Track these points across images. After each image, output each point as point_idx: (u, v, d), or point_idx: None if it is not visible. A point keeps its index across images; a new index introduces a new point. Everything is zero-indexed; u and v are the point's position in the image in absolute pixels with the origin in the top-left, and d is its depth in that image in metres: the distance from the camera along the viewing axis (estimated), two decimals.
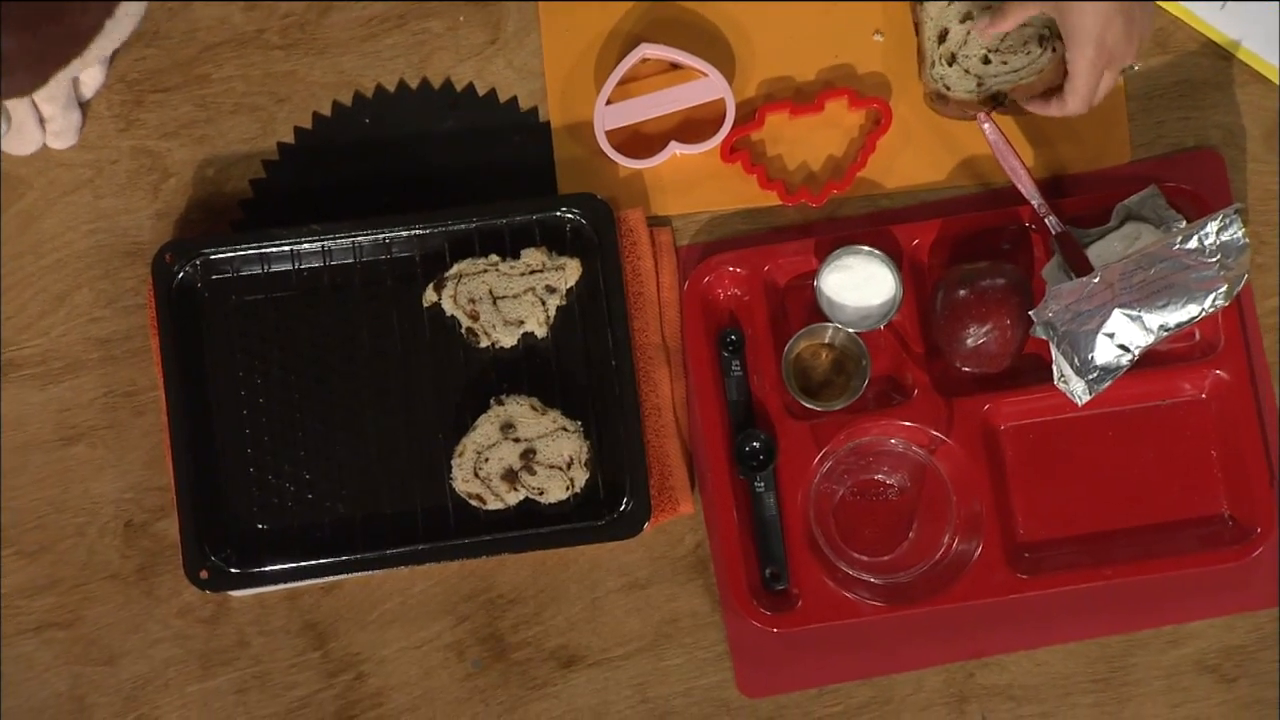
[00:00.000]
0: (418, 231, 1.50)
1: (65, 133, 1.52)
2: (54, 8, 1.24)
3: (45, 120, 1.51)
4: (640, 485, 1.46)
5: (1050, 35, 1.48)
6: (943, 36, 1.49)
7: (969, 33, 1.49)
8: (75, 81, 1.51)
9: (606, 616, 1.49)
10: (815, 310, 1.48)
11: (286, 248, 1.50)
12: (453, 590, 1.50)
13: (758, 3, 1.52)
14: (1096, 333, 1.42)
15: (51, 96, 1.46)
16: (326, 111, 1.55)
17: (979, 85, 1.49)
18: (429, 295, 1.50)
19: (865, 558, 1.48)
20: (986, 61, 1.49)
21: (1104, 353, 1.42)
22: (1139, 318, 1.42)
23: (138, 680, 1.49)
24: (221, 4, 1.54)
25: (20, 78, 1.27)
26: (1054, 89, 1.46)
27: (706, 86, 1.52)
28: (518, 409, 1.47)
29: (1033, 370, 1.48)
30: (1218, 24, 1.53)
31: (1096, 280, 1.41)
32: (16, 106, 1.47)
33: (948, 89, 1.49)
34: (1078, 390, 1.43)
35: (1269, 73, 1.53)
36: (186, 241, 1.50)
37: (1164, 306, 1.42)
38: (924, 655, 1.48)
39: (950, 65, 1.49)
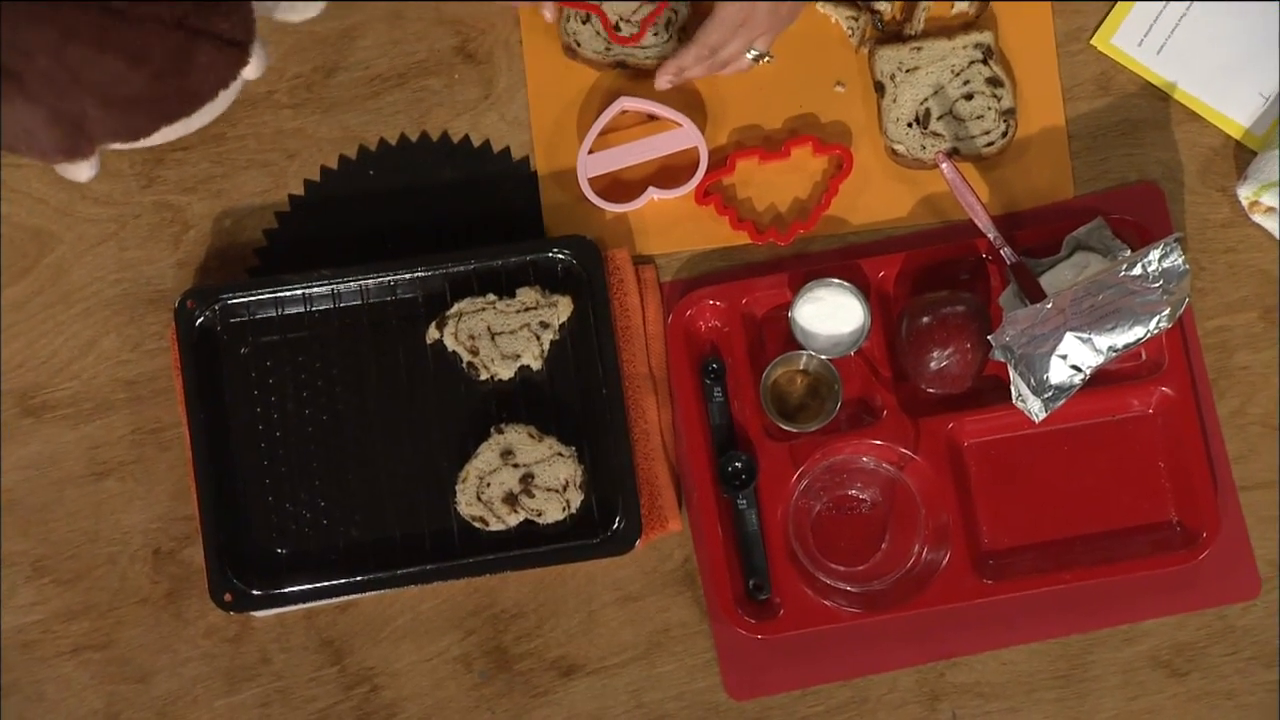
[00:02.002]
0: (420, 274, 1.51)
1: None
2: (184, 64, 1.23)
3: None
4: (631, 505, 1.48)
5: (1007, 112, 1.52)
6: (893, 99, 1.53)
7: (923, 102, 1.53)
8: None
9: (602, 628, 1.50)
10: (790, 339, 1.50)
11: (299, 292, 1.51)
12: (459, 606, 1.51)
13: None
14: (1050, 355, 1.42)
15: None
16: (333, 165, 1.56)
17: (923, 149, 1.53)
18: (432, 333, 1.51)
19: (842, 568, 1.49)
20: (937, 134, 1.52)
21: (1058, 373, 1.43)
22: (1089, 340, 1.42)
23: (168, 697, 1.50)
24: None
25: (135, 121, 1.26)
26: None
27: (681, 136, 1.54)
28: (516, 436, 1.49)
29: (993, 390, 1.48)
30: (1155, 68, 1.56)
31: (1049, 306, 1.42)
32: (80, 169, 1.44)
33: (899, 148, 1.53)
34: (1035, 408, 1.44)
35: (1203, 112, 1.55)
36: (206, 288, 1.50)
37: (1112, 329, 1.43)
38: (898, 657, 1.49)
39: (906, 128, 1.53)
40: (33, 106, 1.21)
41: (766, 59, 1.50)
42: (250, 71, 1.28)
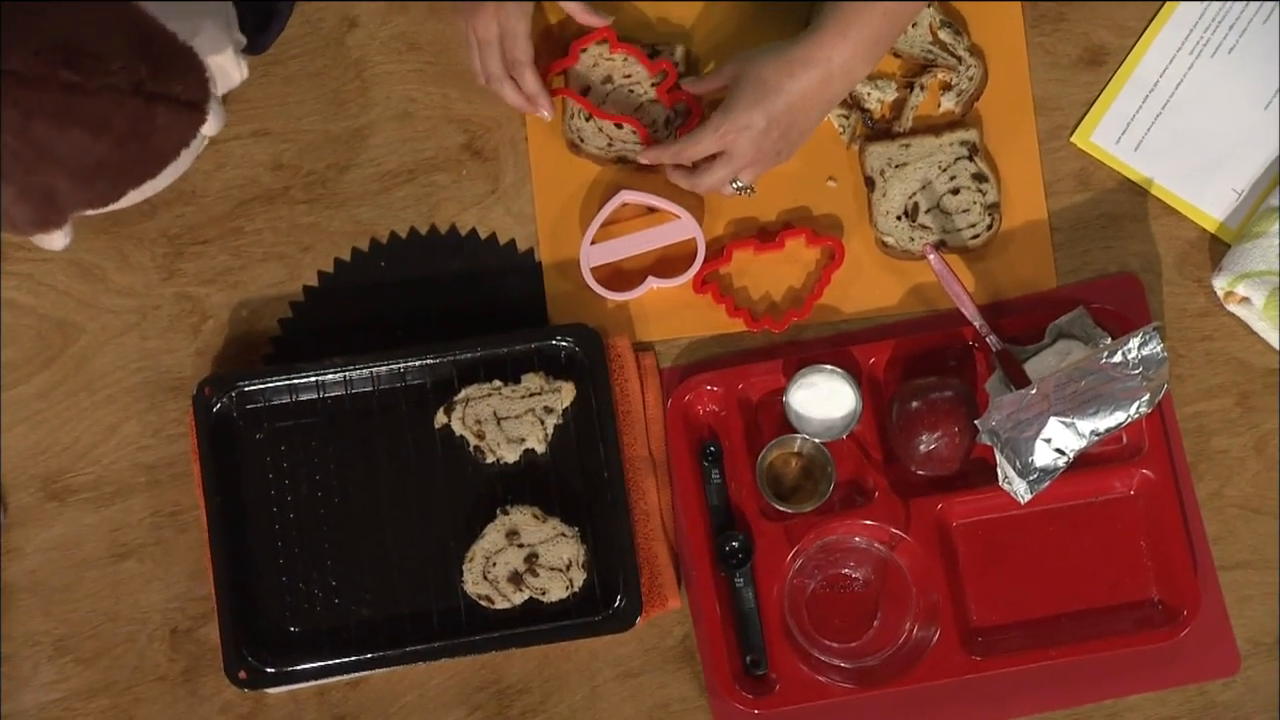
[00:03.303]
0: (429, 361, 1.52)
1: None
2: (145, 128, 1.23)
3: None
4: (632, 583, 1.48)
5: (992, 206, 1.54)
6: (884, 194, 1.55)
7: (912, 197, 1.55)
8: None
9: (604, 703, 1.50)
10: (785, 423, 1.51)
11: (312, 379, 1.52)
12: (466, 683, 1.51)
13: None
14: (1035, 438, 1.43)
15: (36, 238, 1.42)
16: (346, 257, 1.57)
17: (911, 241, 1.54)
18: (440, 418, 1.52)
19: (836, 644, 1.49)
20: (925, 226, 1.55)
21: (1043, 456, 1.43)
22: (1072, 424, 1.43)
23: None
24: (251, 166, 1.57)
25: (102, 188, 1.26)
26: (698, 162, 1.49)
27: (679, 227, 1.55)
28: (521, 518, 1.50)
29: (980, 473, 1.49)
30: (1132, 164, 1.57)
31: (1034, 392, 1.43)
32: (55, 239, 1.44)
33: (888, 240, 1.55)
34: (1020, 490, 1.44)
35: (1179, 206, 1.57)
36: (223, 376, 1.51)
37: (1094, 414, 1.43)
38: None
39: (896, 221, 1.55)
40: (3, 184, 1.22)
41: (748, 192, 1.52)
42: (209, 129, 1.29)
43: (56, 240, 1.28)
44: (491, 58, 1.51)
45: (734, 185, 1.50)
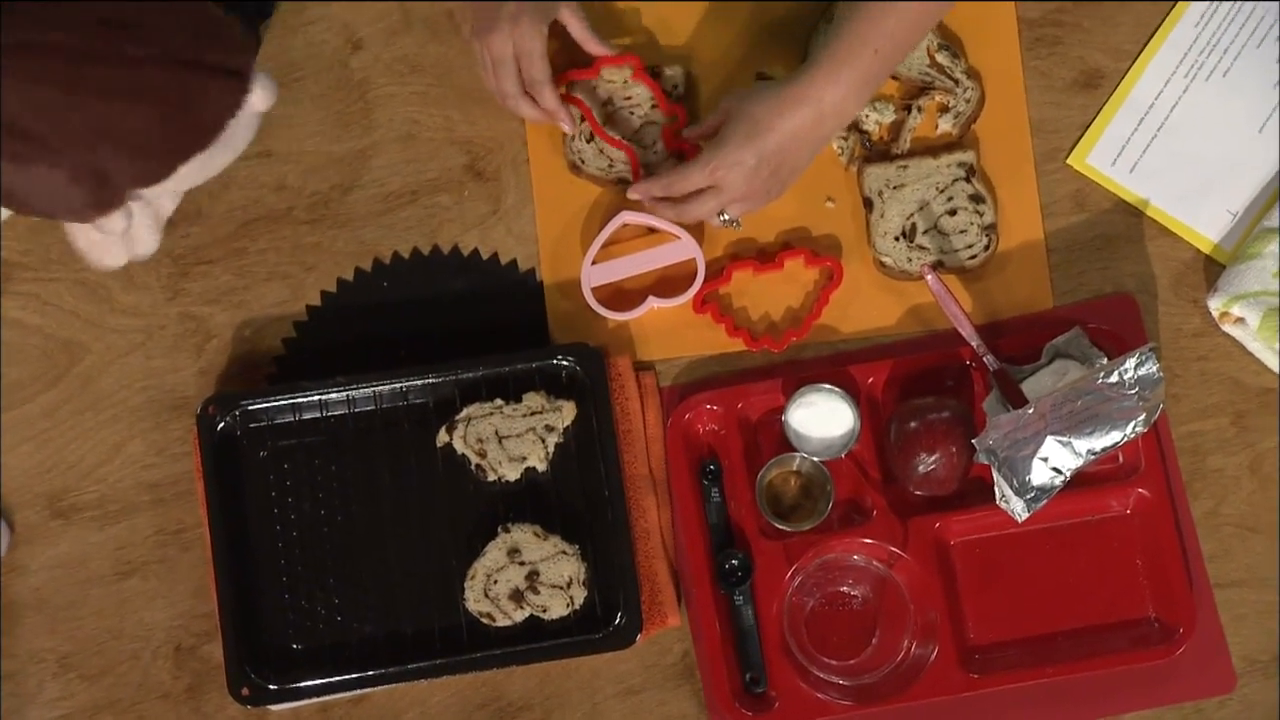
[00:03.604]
0: (431, 380, 1.53)
1: (148, 240, 1.44)
2: (188, 98, 1.24)
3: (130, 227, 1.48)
4: (632, 601, 1.48)
5: (989, 227, 1.55)
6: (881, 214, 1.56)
7: (909, 217, 1.56)
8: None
9: None
10: (784, 442, 1.51)
11: (315, 398, 1.52)
12: (467, 700, 1.51)
13: None
14: (1032, 458, 1.43)
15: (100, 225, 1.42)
16: (349, 277, 1.57)
17: (909, 262, 1.55)
18: (442, 436, 1.52)
19: (834, 662, 1.49)
20: (923, 247, 1.55)
21: (1039, 475, 1.43)
22: (1069, 444, 1.43)
23: None
24: (255, 187, 1.58)
25: (153, 163, 1.26)
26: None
27: (679, 248, 1.56)
28: (522, 536, 1.50)
29: (977, 492, 1.49)
30: (1128, 186, 1.58)
31: (1031, 411, 1.43)
32: (115, 220, 1.44)
33: (886, 260, 1.56)
34: (1018, 509, 1.44)
35: (1174, 227, 1.57)
36: (227, 395, 1.52)
37: (1091, 433, 1.43)
38: None
39: (894, 242, 1.55)
40: (55, 168, 1.21)
41: (734, 225, 1.52)
42: (258, 101, 1.28)
43: (117, 222, 1.28)
44: (507, 77, 1.52)
45: (721, 218, 1.51)
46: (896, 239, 1.56)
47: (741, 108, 1.45)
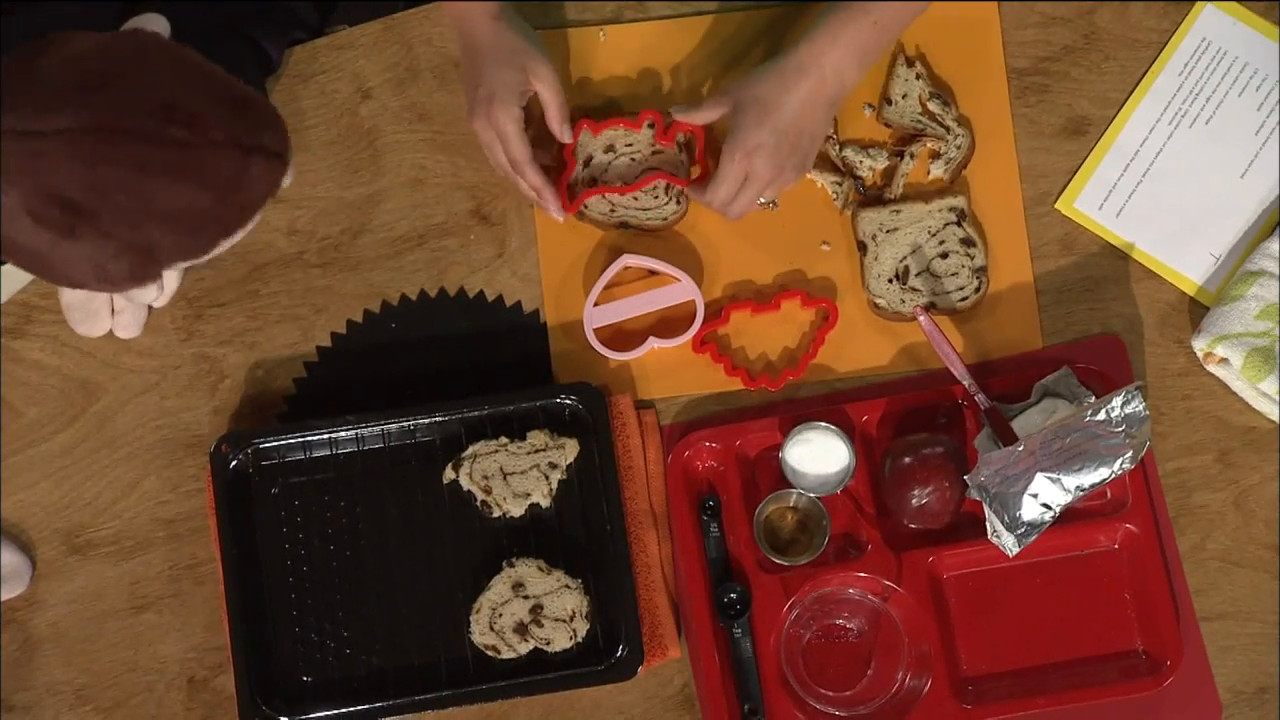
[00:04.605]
0: (437, 419, 1.53)
1: (131, 325, 1.55)
2: (241, 180, 1.27)
3: (115, 311, 1.54)
4: (634, 634, 1.49)
5: (980, 269, 1.56)
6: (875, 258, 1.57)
7: (902, 260, 1.57)
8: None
9: None
10: (781, 478, 1.52)
11: (325, 436, 1.53)
12: None
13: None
14: (1023, 494, 1.43)
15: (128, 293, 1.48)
16: (358, 319, 1.58)
17: (902, 303, 1.56)
18: (448, 473, 1.53)
19: (830, 693, 1.50)
20: (915, 289, 1.56)
21: (1030, 511, 1.44)
22: (1058, 480, 1.44)
23: None
24: (268, 231, 1.59)
25: (201, 240, 1.29)
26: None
27: (679, 290, 1.57)
28: (526, 570, 1.51)
29: (969, 526, 1.50)
30: (1115, 230, 1.59)
31: (1021, 449, 1.43)
32: (94, 296, 1.50)
33: (880, 302, 1.57)
34: (1009, 543, 1.45)
35: (1159, 270, 1.58)
36: (239, 433, 1.53)
37: (1079, 470, 1.44)
38: None
39: (887, 284, 1.57)
40: (104, 241, 1.24)
41: (772, 206, 1.54)
42: (287, 180, 1.33)
43: (150, 293, 1.32)
44: (497, 156, 1.54)
45: (759, 202, 1.53)
46: (890, 281, 1.57)
47: (745, 93, 1.46)
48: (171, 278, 1.55)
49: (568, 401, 1.55)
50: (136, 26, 1.30)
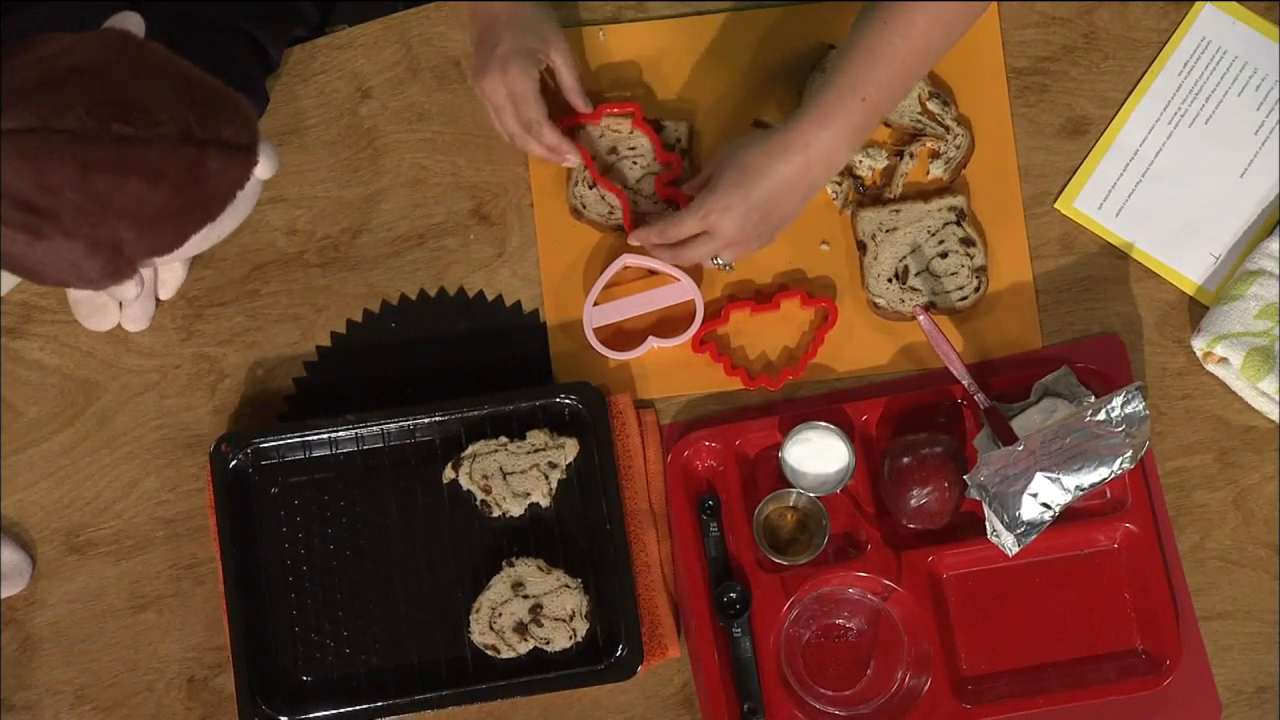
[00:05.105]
0: (437, 419, 1.53)
1: (139, 318, 1.55)
2: (198, 173, 1.26)
3: (123, 305, 1.54)
4: (633, 633, 1.49)
5: (979, 269, 1.56)
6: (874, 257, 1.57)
7: (902, 260, 1.57)
8: (156, 278, 1.55)
9: None
10: (780, 478, 1.51)
11: (325, 435, 1.53)
12: None
13: None
14: (1022, 493, 1.43)
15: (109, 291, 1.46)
16: (358, 318, 1.58)
17: (902, 303, 1.56)
18: (448, 473, 1.53)
19: (830, 692, 1.50)
20: (915, 289, 1.56)
21: (1029, 510, 1.44)
22: (1058, 480, 1.44)
23: None
24: (268, 231, 1.59)
25: (165, 235, 1.28)
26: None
27: (679, 289, 1.57)
28: (526, 569, 1.51)
29: (969, 526, 1.50)
30: (1114, 229, 1.59)
31: (1020, 448, 1.44)
32: (98, 293, 1.50)
33: (880, 301, 1.57)
34: (1008, 543, 1.45)
35: (1159, 270, 1.58)
36: (239, 433, 1.53)
37: (1079, 470, 1.44)
38: None
39: (887, 284, 1.56)
40: (71, 240, 1.23)
41: (727, 268, 1.54)
42: (262, 171, 1.31)
43: (130, 290, 1.31)
44: (508, 119, 1.54)
45: (714, 261, 1.52)
46: (889, 281, 1.57)
47: (733, 156, 1.47)
48: (176, 272, 1.55)
49: (567, 401, 1.55)
50: (109, 25, 1.29)
